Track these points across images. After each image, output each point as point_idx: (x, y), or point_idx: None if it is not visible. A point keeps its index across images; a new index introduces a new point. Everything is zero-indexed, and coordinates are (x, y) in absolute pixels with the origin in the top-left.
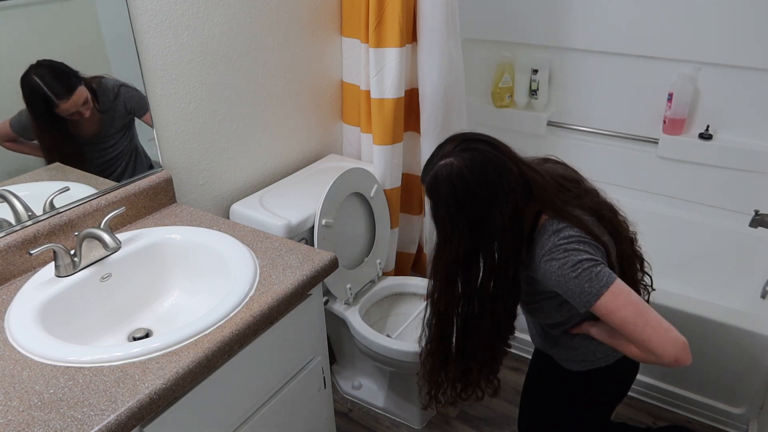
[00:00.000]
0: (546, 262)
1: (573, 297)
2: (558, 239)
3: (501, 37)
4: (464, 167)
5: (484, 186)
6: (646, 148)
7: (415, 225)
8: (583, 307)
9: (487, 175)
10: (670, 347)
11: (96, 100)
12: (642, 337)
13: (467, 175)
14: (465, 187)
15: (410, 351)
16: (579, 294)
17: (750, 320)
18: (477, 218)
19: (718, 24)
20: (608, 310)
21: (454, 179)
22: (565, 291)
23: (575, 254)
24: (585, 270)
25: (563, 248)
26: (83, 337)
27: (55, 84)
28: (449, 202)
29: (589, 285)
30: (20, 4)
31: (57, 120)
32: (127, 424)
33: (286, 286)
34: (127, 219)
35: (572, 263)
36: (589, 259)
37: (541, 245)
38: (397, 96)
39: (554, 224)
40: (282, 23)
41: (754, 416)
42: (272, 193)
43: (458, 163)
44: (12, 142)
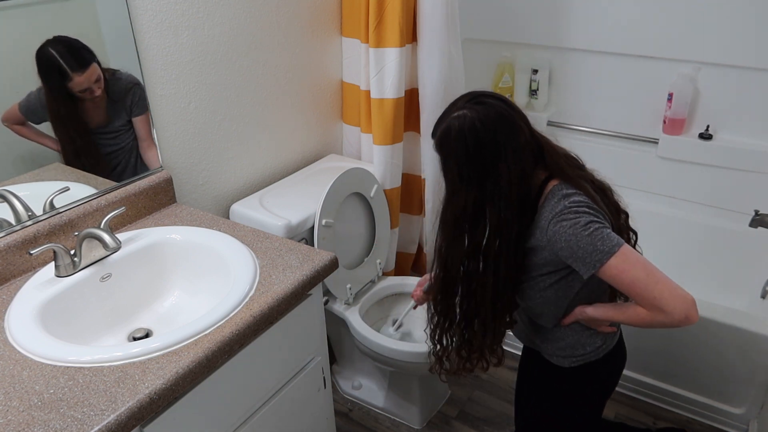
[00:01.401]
0: (556, 222)
1: (583, 257)
2: (569, 202)
3: (501, 37)
4: (477, 119)
5: (495, 139)
6: (646, 148)
7: (415, 225)
8: (593, 267)
9: (498, 129)
10: (680, 304)
11: (107, 87)
12: (653, 294)
13: (479, 128)
14: (476, 138)
15: (410, 351)
16: (591, 253)
17: (750, 320)
18: (485, 171)
19: (718, 24)
20: (619, 270)
21: (465, 130)
22: (575, 251)
23: (586, 216)
24: (596, 230)
25: (574, 210)
26: (83, 337)
27: (70, 57)
28: (459, 153)
29: (602, 243)
30: (20, 4)
31: (69, 98)
32: (127, 424)
33: (286, 286)
34: (127, 219)
35: (584, 222)
36: (599, 221)
37: (550, 208)
38: (397, 96)
39: (564, 189)
40: (282, 23)
41: (754, 416)
42: (272, 193)
43: (471, 115)
44: (20, 126)
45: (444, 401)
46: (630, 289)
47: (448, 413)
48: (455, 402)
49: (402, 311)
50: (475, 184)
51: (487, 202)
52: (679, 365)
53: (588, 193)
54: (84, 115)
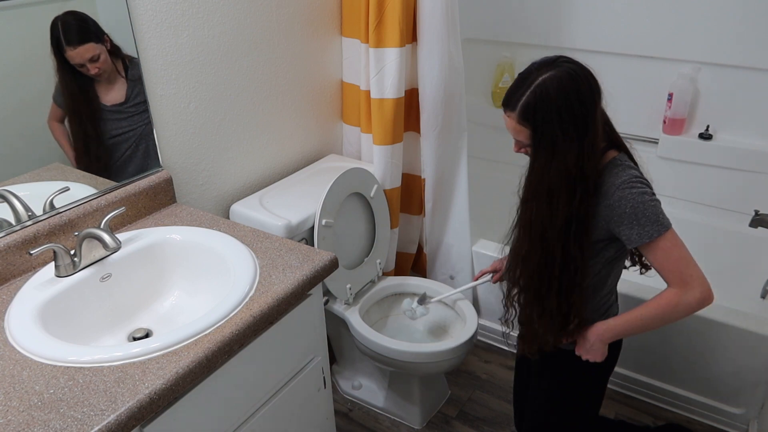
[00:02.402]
0: (623, 189)
1: (645, 224)
2: (635, 174)
3: (501, 37)
4: (571, 75)
5: (590, 93)
6: (646, 148)
7: (415, 225)
8: (650, 236)
9: (591, 83)
10: (707, 284)
11: (125, 69)
12: (691, 272)
13: (577, 81)
14: (576, 91)
15: (410, 351)
16: (653, 222)
17: (750, 320)
18: (585, 126)
19: (718, 24)
20: (673, 243)
21: (565, 85)
22: (639, 218)
23: (650, 190)
24: (658, 204)
25: (640, 181)
26: (83, 337)
27: (70, 31)
28: (562, 109)
29: (663, 217)
30: (20, 4)
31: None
32: (127, 424)
33: (286, 286)
34: (127, 219)
35: (650, 194)
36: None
37: (615, 175)
38: (397, 96)
39: (625, 160)
40: (282, 23)
41: (754, 416)
42: (272, 193)
43: (565, 71)
44: (59, 122)
45: (444, 401)
46: (675, 264)
47: (448, 413)
48: (455, 402)
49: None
50: (576, 139)
51: (585, 162)
52: (679, 365)
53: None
54: (96, 92)
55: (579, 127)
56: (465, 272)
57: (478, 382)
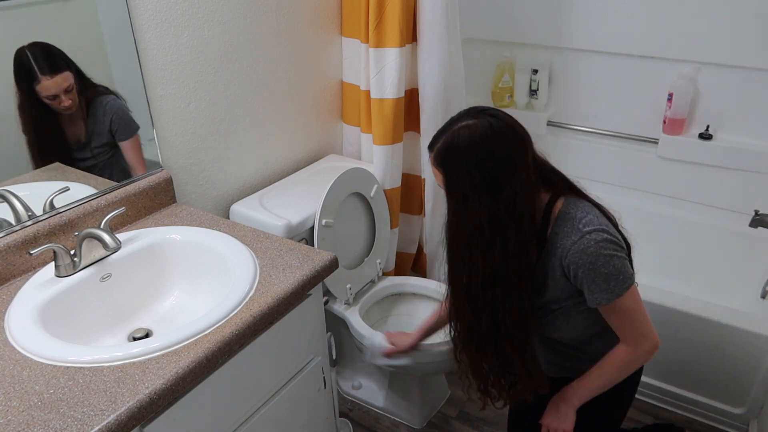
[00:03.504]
0: (574, 253)
1: (599, 288)
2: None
3: (501, 37)
4: (489, 129)
5: (509, 151)
6: (646, 148)
7: (415, 225)
8: (607, 300)
9: (511, 141)
10: (655, 337)
11: (88, 103)
12: (643, 330)
13: (491, 137)
14: (489, 148)
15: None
16: (605, 287)
17: (750, 320)
18: (499, 184)
19: (718, 24)
20: (630, 305)
21: (477, 138)
22: (593, 281)
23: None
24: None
25: (592, 237)
26: (83, 337)
27: (43, 60)
28: (470, 162)
29: (619, 277)
30: (20, 4)
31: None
32: (127, 424)
33: (286, 286)
34: (127, 219)
35: (605, 253)
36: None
37: (565, 235)
38: (397, 96)
39: (576, 210)
40: (282, 23)
41: (754, 416)
42: (272, 193)
43: (482, 124)
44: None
45: (444, 401)
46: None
47: (448, 413)
48: (455, 402)
49: (402, 311)
50: (487, 196)
51: (503, 219)
52: (679, 365)
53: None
54: (61, 128)
55: (490, 185)
56: None
57: None
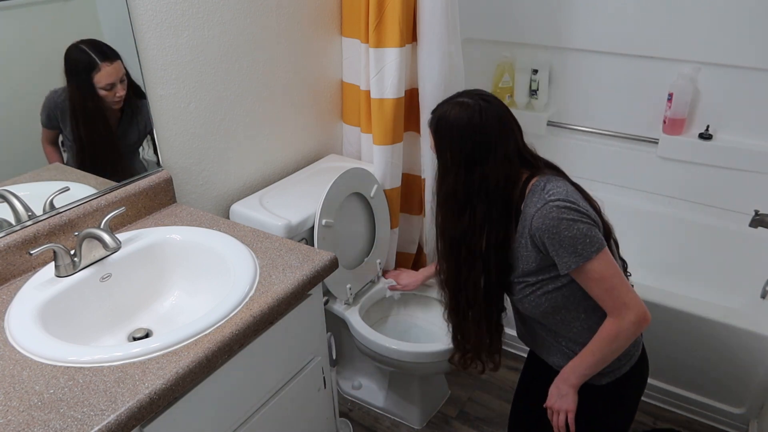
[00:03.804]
0: (537, 218)
1: (567, 252)
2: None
3: (501, 37)
4: (477, 113)
5: (488, 138)
6: (646, 148)
7: (415, 225)
8: (573, 264)
9: (494, 130)
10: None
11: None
12: (623, 298)
13: (477, 122)
14: (471, 131)
15: (410, 351)
16: (573, 248)
17: (750, 320)
18: (473, 162)
19: (718, 24)
20: (602, 268)
21: (464, 119)
22: (560, 244)
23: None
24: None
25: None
26: (83, 337)
27: (97, 50)
28: (453, 138)
29: (586, 240)
30: (20, 4)
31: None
32: (127, 424)
33: (286, 286)
34: (127, 219)
35: (568, 217)
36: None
37: (531, 204)
38: (397, 96)
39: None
40: (282, 23)
41: (754, 416)
42: (272, 193)
43: (473, 107)
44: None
45: (444, 401)
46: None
47: (448, 413)
48: (455, 402)
49: (402, 311)
50: (463, 169)
51: (473, 194)
52: (679, 365)
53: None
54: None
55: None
56: None
57: (478, 382)
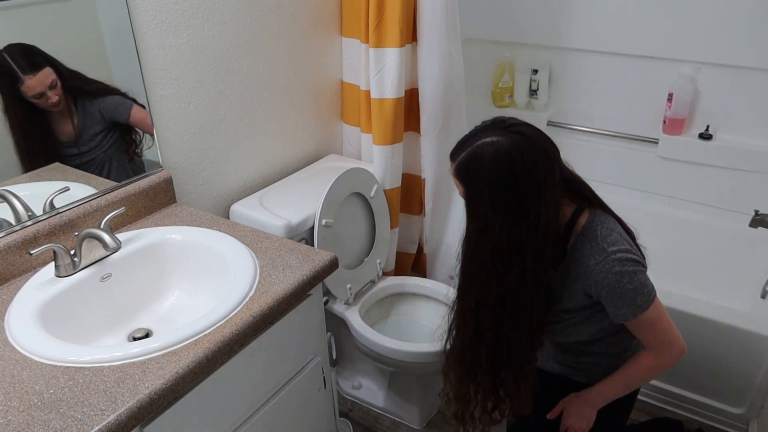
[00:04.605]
0: (598, 273)
1: (625, 304)
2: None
3: (501, 37)
4: (514, 148)
5: (535, 173)
6: (646, 148)
7: (415, 225)
8: (634, 315)
9: (538, 162)
10: (682, 343)
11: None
12: (670, 338)
13: (517, 158)
14: (514, 169)
15: (410, 351)
16: (632, 302)
17: (750, 320)
18: (523, 206)
19: (718, 24)
20: (655, 317)
21: (501, 158)
22: (619, 298)
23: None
24: (638, 277)
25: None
26: (83, 337)
27: (22, 60)
28: (494, 182)
29: (643, 292)
30: (20, 4)
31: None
32: (127, 424)
33: (286, 286)
34: (127, 219)
35: (629, 270)
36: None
37: (589, 254)
38: (397, 96)
39: (599, 226)
40: (282, 23)
41: (754, 416)
42: (272, 193)
43: (508, 142)
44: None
45: (444, 401)
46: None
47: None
48: None
49: (402, 311)
50: (510, 219)
51: (523, 243)
52: (679, 365)
53: (623, 225)
54: (51, 127)
55: (513, 208)
56: None
57: None
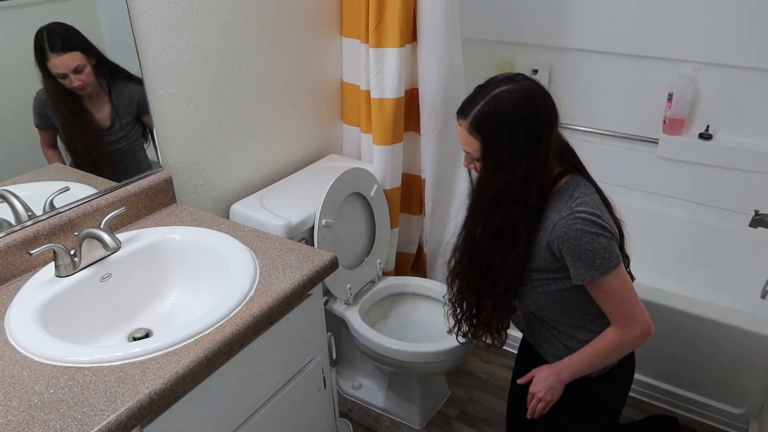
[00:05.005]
0: (560, 228)
1: (584, 265)
2: (577, 205)
3: (501, 37)
4: (530, 91)
5: (547, 113)
6: (646, 148)
7: (415, 225)
8: (591, 277)
9: (548, 104)
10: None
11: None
12: (633, 313)
13: (534, 99)
14: (533, 109)
15: (410, 351)
16: (591, 263)
17: (750, 320)
18: (537, 145)
19: (718, 24)
20: (617, 284)
21: (521, 102)
22: (578, 257)
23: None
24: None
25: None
26: (83, 337)
27: (55, 37)
28: (515, 124)
29: (605, 256)
30: (20, 4)
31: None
32: (127, 424)
33: (286, 286)
34: (127, 219)
35: (590, 231)
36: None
37: (557, 209)
38: (397, 96)
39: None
40: (282, 23)
41: (754, 416)
42: (272, 193)
43: (522, 88)
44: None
45: (444, 401)
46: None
47: (448, 413)
48: (455, 402)
49: (402, 311)
50: (525, 157)
51: (531, 179)
52: (679, 365)
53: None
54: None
55: (530, 147)
56: None
57: (478, 382)
